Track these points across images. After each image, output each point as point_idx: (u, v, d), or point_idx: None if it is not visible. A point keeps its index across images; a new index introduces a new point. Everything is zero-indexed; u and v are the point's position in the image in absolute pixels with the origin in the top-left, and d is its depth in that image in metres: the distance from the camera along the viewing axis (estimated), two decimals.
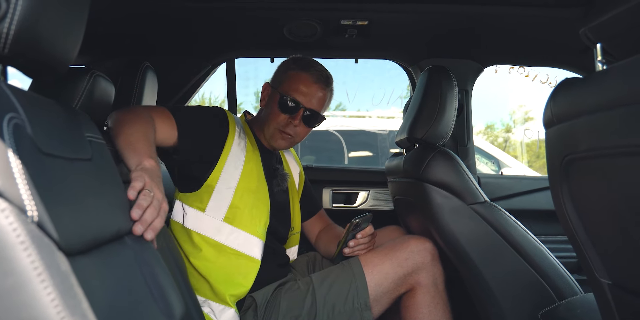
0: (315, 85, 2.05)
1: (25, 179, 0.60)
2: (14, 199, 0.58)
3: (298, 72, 2.07)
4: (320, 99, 2.07)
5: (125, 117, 1.64)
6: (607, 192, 1.00)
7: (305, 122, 2.06)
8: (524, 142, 14.70)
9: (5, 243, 0.55)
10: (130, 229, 1.02)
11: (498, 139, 17.83)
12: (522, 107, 18.47)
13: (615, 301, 1.14)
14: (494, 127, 19.16)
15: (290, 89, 2.05)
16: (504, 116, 20.02)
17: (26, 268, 0.55)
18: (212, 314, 1.84)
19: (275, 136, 2.07)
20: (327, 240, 2.31)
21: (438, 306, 1.96)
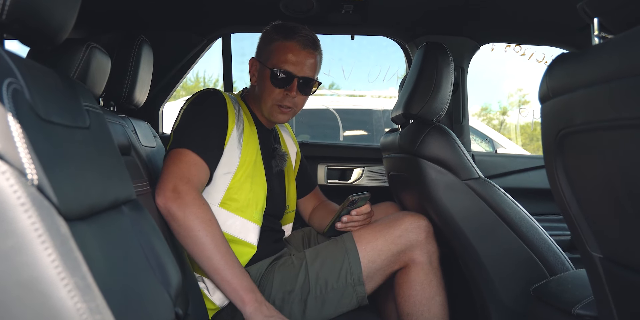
0: (303, 52, 2.00)
1: (25, 143, 0.61)
2: (14, 162, 0.59)
3: (283, 42, 2.00)
4: (312, 64, 2.03)
5: (187, 240, 1.71)
6: (601, 166, 1.01)
7: (302, 91, 2.03)
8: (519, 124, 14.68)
9: (5, 205, 0.55)
10: (127, 197, 1.03)
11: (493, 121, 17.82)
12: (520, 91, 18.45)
13: (606, 275, 1.15)
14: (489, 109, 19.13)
15: (279, 61, 1.99)
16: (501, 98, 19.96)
17: (27, 229, 0.55)
18: (206, 290, 1.85)
19: (274, 112, 2.04)
20: (321, 217, 2.32)
21: (432, 283, 1.97)
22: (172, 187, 1.70)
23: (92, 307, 0.58)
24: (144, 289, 0.91)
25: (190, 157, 1.78)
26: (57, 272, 0.56)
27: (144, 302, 0.88)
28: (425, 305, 1.97)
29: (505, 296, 1.97)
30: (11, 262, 0.55)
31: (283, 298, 1.87)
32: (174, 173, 1.73)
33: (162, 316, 0.97)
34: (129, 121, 1.90)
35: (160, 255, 1.04)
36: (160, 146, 2.22)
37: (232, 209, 1.89)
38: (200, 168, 1.78)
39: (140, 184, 1.64)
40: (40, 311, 0.55)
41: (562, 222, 2.81)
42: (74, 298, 0.56)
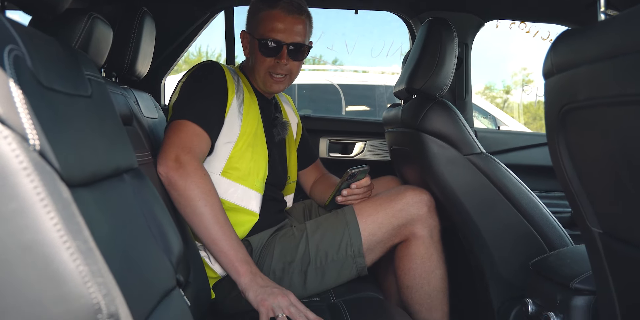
0: (289, 18, 1.99)
1: (26, 109, 0.61)
2: (16, 127, 0.59)
3: (268, 11, 1.99)
4: (300, 29, 2.02)
5: (187, 209, 1.72)
6: (603, 142, 1.01)
7: (293, 57, 2.02)
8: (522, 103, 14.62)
9: (8, 169, 0.56)
10: (129, 166, 1.03)
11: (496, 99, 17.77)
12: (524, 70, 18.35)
13: (605, 249, 1.16)
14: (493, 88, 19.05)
15: (265, 30, 1.99)
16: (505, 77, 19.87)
17: (29, 193, 0.56)
18: (207, 258, 1.86)
19: (267, 81, 2.04)
20: (322, 190, 2.33)
21: (432, 257, 1.98)
22: (174, 157, 1.70)
23: (94, 270, 0.59)
24: (145, 255, 0.92)
25: (191, 127, 1.78)
26: (60, 235, 0.56)
27: (145, 268, 0.89)
28: (425, 278, 1.99)
29: (504, 270, 1.98)
30: (13, 225, 0.55)
31: (283, 269, 1.89)
32: (175, 143, 1.74)
33: (164, 282, 0.98)
34: (131, 92, 1.90)
35: (162, 223, 1.05)
36: (162, 118, 2.22)
37: (234, 177, 1.90)
38: (201, 138, 1.79)
39: (142, 154, 1.65)
40: (44, 273, 0.56)
41: (562, 199, 2.82)
42: (76, 261, 0.57)
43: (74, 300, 0.57)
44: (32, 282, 0.56)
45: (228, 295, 1.88)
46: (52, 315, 0.57)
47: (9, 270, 0.56)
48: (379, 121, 2.86)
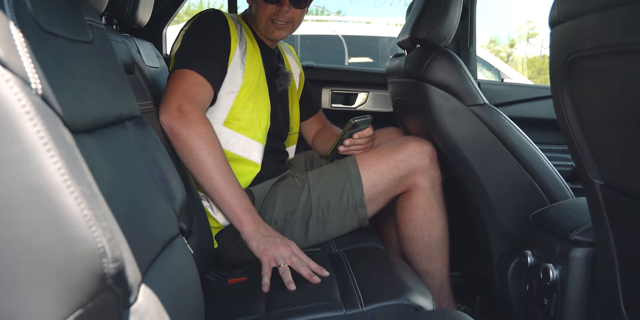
0: None
1: (28, 52, 0.60)
2: (17, 71, 0.58)
3: None
4: None
5: (190, 158, 1.72)
6: (607, 93, 1.00)
7: (295, 5, 2.00)
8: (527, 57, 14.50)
9: (10, 113, 0.55)
10: (131, 113, 1.03)
11: (501, 53, 17.63)
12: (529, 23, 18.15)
13: (605, 201, 1.17)
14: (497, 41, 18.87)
15: None
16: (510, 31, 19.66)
17: (32, 137, 0.56)
18: (210, 208, 1.88)
19: (270, 28, 2.02)
20: (324, 140, 2.33)
21: (433, 208, 1.99)
22: (176, 106, 1.70)
23: (99, 214, 0.59)
24: (148, 202, 0.93)
25: (194, 77, 1.77)
26: (63, 180, 0.57)
27: (148, 215, 0.90)
28: (426, 229, 2.00)
29: (505, 222, 2.00)
30: (17, 169, 0.55)
31: (285, 219, 1.90)
32: (177, 92, 1.73)
33: (167, 229, 0.99)
34: (132, 40, 1.88)
35: (165, 171, 1.05)
36: (164, 67, 2.20)
37: (236, 128, 1.90)
38: (203, 88, 1.78)
39: (144, 103, 1.64)
40: (48, 217, 0.56)
41: (565, 153, 2.82)
42: (81, 205, 0.57)
43: (79, 244, 0.58)
44: (37, 226, 0.56)
45: (231, 244, 1.90)
46: (58, 260, 0.57)
47: (14, 215, 0.56)
48: (382, 72, 2.84)
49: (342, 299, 1.46)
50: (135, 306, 0.73)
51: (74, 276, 0.58)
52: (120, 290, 0.64)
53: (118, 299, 0.64)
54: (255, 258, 1.69)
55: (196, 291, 1.08)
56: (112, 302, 0.64)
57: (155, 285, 0.80)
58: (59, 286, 0.58)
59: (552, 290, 1.60)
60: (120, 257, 0.61)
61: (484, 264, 2.13)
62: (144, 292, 0.77)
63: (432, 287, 2.03)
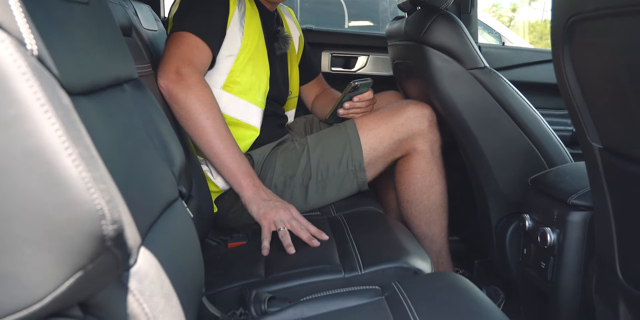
0: None
1: (22, 12, 0.59)
2: (12, 31, 0.57)
3: None
4: None
5: (189, 122, 1.71)
6: (608, 55, 0.99)
7: None
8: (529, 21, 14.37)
9: (6, 74, 0.55)
10: (129, 76, 1.02)
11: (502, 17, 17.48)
12: None
13: (604, 165, 1.17)
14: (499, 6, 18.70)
15: None
16: None
17: (29, 98, 0.55)
18: (209, 173, 1.88)
19: None
20: (324, 104, 2.32)
21: (432, 171, 1.99)
22: (174, 69, 1.69)
23: (97, 176, 0.59)
24: (147, 165, 0.92)
25: (192, 39, 1.76)
26: (61, 142, 0.56)
27: (147, 178, 0.90)
28: (425, 193, 2.01)
29: (503, 186, 2.00)
30: (14, 131, 0.55)
31: (285, 182, 1.90)
32: (176, 55, 1.72)
33: (166, 192, 0.99)
34: (130, 3, 1.86)
35: (163, 135, 1.05)
36: (162, 30, 2.18)
37: (235, 91, 1.89)
38: (202, 51, 1.77)
39: (142, 66, 1.63)
40: (46, 179, 0.56)
41: (564, 118, 2.82)
42: (79, 167, 0.57)
43: (78, 206, 0.57)
44: (35, 188, 0.56)
45: (230, 209, 1.91)
46: (57, 222, 0.57)
47: (11, 177, 0.56)
48: (382, 35, 2.81)
49: (341, 262, 1.47)
50: (135, 268, 0.73)
51: (73, 238, 0.58)
52: (119, 252, 0.64)
53: (117, 261, 0.65)
54: (254, 222, 1.70)
55: (196, 255, 1.09)
56: (111, 265, 0.64)
57: (155, 248, 0.80)
58: (58, 248, 0.58)
59: (550, 253, 1.61)
60: (119, 219, 0.61)
61: (482, 228, 2.14)
62: (144, 254, 0.77)
63: (431, 251, 2.05)
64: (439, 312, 1.11)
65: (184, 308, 0.86)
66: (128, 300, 0.71)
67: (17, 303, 0.58)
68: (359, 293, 1.24)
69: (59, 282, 0.59)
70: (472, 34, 2.77)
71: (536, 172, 1.82)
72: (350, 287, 1.28)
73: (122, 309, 0.70)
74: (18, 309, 0.58)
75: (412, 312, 1.10)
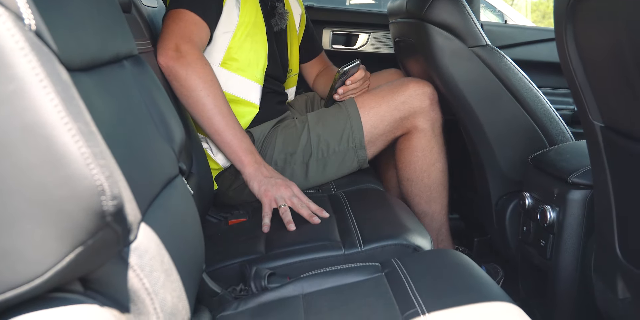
0: None
1: None
2: (10, 5, 0.57)
3: None
4: None
5: (189, 100, 1.71)
6: (611, 34, 0.99)
7: None
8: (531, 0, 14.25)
9: (4, 49, 0.55)
10: (129, 52, 1.01)
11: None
12: None
13: (605, 143, 1.17)
14: None
15: None
16: None
17: (27, 73, 0.55)
18: (209, 150, 1.88)
19: None
20: (325, 82, 2.31)
21: (433, 150, 1.99)
22: (174, 46, 1.68)
23: (96, 152, 0.59)
24: (147, 141, 0.92)
25: (190, 16, 1.75)
26: (60, 117, 0.56)
27: (147, 154, 0.90)
28: (425, 171, 2.01)
29: (504, 164, 2.00)
30: (14, 106, 0.55)
31: (285, 159, 1.90)
32: (174, 32, 1.71)
33: (166, 169, 0.99)
34: None
35: (163, 111, 1.05)
36: (162, 6, 2.16)
37: (233, 68, 1.88)
38: (200, 27, 1.76)
39: (142, 42, 1.62)
40: (46, 154, 0.56)
41: (567, 97, 2.81)
42: (78, 143, 0.57)
43: (77, 181, 0.58)
44: (35, 164, 0.56)
45: (230, 186, 1.91)
46: (57, 198, 0.58)
47: (11, 153, 0.56)
48: (384, 12, 2.79)
49: (341, 239, 1.48)
50: (135, 244, 0.74)
51: (73, 214, 0.58)
52: (119, 228, 0.64)
53: (118, 236, 0.65)
54: (255, 199, 1.71)
55: (196, 231, 1.09)
56: (112, 240, 0.64)
57: (155, 224, 0.81)
58: (58, 224, 0.58)
59: (549, 231, 1.61)
60: (118, 194, 0.62)
61: (482, 207, 2.14)
62: (144, 230, 0.77)
63: (431, 229, 2.05)
64: (439, 288, 1.12)
65: (184, 283, 0.86)
66: (128, 275, 0.71)
67: (18, 278, 0.58)
68: (359, 269, 1.24)
69: (60, 257, 0.59)
70: (475, 12, 2.74)
71: (537, 151, 1.82)
72: (350, 264, 1.28)
73: (122, 284, 0.71)
74: (19, 284, 0.58)
75: (412, 288, 1.11)
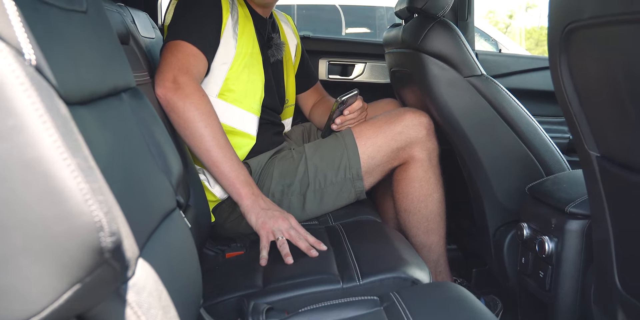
0: None
1: (21, 22, 0.59)
2: (10, 41, 0.57)
3: None
4: None
5: (187, 131, 1.71)
6: (605, 63, 0.99)
7: None
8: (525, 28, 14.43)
9: (4, 84, 0.54)
10: (127, 85, 1.01)
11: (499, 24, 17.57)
12: None
13: (602, 173, 1.17)
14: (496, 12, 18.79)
15: None
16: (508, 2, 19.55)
17: (27, 109, 0.55)
18: (207, 182, 1.87)
19: None
20: (321, 113, 2.32)
21: (430, 180, 1.99)
22: (171, 78, 1.68)
23: (95, 188, 0.58)
24: (145, 175, 0.92)
25: (188, 48, 1.76)
26: (59, 153, 0.56)
27: (145, 188, 0.89)
28: (422, 201, 2.00)
29: (501, 194, 2.00)
30: (13, 142, 0.54)
31: (282, 191, 1.90)
32: (172, 64, 1.72)
33: (164, 203, 0.98)
34: (127, 10, 1.86)
35: (161, 144, 1.05)
36: (160, 37, 2.18)
37: (230, 100, 1.89)
38: (198, 59, 1.77)
39: (139, 74, 1.62)
40: (44, 190, 0.55)
41: (562, 125, 2.82)
42: (77, 178, 0.56)
43: (76, 218, 0.57)
44: (34, 200, 0.56)
45: (228, 218, 1.90)
46: (55, 234, 0.57)
47: (9, 188, 0.55)
48: (380, 42, 2.81)
49: (339, 272, 1.47)
50: (133, 280, 0.72)
51: (71, 250, 0.57)
52: (117, 264, 0.63)
53: (116, 273, 0.64)
54: (252, 232, 1.70)
55: (194, 265, 1.08)
56: (109, 277, 0.63)
57: (153, 259, 0.80)
58: (56, 260, 0.57)
59: (548, 262, 1.60)
60: (117, 231, 0.61)
61: (480, 237, 2.13)
62: (142, 266, 0.76)
63: (429, 260, 2.04)
64: None
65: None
66: (126, 312, 0.70)
67: (14, 316, 0.57)
68: (357, 304, 1.23)
69: (57, 294, 0.58)
70: (469, 41, 2.78)
71: (533, 180, 1.82)
72: (349, 298, 1.27)
73: None
74: None
75: None
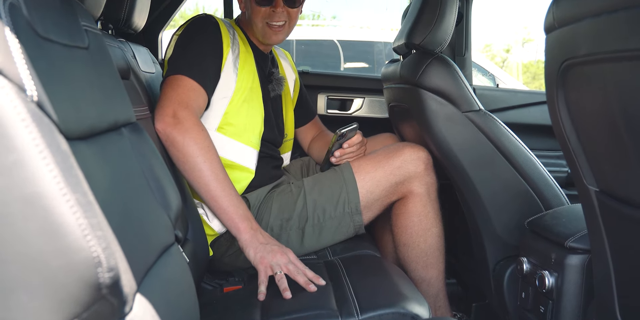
0: None
1: (23, 59, 0.60)
2: (13, 77, 0.58)
3: None
4: None
5: (186, 166, 1.71)
6: (602, 99, 1.00)
7: (289, 5, 1.99)
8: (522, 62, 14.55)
9: (6, 120, 0.55)
10: (127, 120, 1.02)
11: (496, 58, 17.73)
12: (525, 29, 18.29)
13: (601, 208, 1.16)
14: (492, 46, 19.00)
15: None
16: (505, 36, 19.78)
17: (27, 145, 0.55)
18: (205, 216, 1.87)
19: (267, 33, 2.01)
20: (320, 147, 2.32)
21: (429, 215, 1.99)
22: (171, 113, 1.69)
23: (94, 223, 0.59)
24: (144, 209, 0.92)
25: (188, 82, 1.77)
26: (59, 188, 0.56)
27: (144, 223, 0.89)
28: (421, 236, 2.00)
29: (500, 229, 1.99)
30: (13, 178, 0.55)
31: (281, 225, 1.89)
32: (172, 99, 1.73)
33: (162, 237, 0.98)
34: (128, 45, 1.88)
35: (160, 178, 1.05)
36: (160, 72, 2.19)
37: (230, 133, 1.89)
38: (198, 93, 1.78)
39: (139, 109, 1.63)
40: (43, 226, 0.55)
41: (560, 159, 2.82)
42: (76, 214, 0.57)
43: (74, 253, 0.57)
44: (32, 235, 0.56)
45: (226, 252, 1.89)
46: (53, 268, 0.57)
47: (9, 223, 0.55)
48: (378, 77, 2.84)
49: (337, 307, 1.45)
50: (130, 316, 0.72)
51: (69, 286, 0.57)
52: (115, 300, 0.63)
53: (113, 309, 0.64)
54: (250, 266, 1.69)
55: (191, 300, 1.07)
56: (107, 312, 0.63)
57: (151, 294, 0.79)
58: (53, 296, 0.57)
59: (548, 297, 1.59)
60: (115, 266, 0.61)
61: (480, 272, 2.12)
62: (139, 301, 0.76)
63: (428, 295, 2.03)
64: None
65: None
66: None
67: None
68: None
69: None
70: (467, 77, 2.80)
71: (533, 215, 1.82)
72: None
73: None
74: None
75: None
